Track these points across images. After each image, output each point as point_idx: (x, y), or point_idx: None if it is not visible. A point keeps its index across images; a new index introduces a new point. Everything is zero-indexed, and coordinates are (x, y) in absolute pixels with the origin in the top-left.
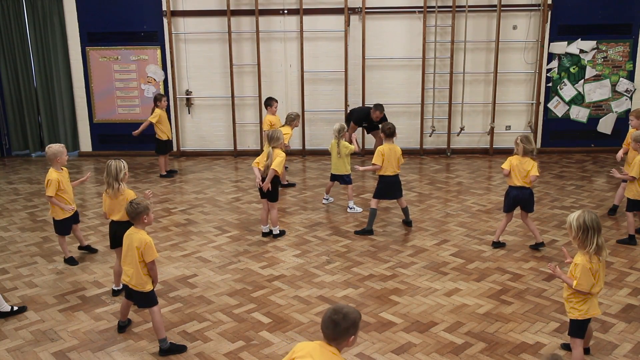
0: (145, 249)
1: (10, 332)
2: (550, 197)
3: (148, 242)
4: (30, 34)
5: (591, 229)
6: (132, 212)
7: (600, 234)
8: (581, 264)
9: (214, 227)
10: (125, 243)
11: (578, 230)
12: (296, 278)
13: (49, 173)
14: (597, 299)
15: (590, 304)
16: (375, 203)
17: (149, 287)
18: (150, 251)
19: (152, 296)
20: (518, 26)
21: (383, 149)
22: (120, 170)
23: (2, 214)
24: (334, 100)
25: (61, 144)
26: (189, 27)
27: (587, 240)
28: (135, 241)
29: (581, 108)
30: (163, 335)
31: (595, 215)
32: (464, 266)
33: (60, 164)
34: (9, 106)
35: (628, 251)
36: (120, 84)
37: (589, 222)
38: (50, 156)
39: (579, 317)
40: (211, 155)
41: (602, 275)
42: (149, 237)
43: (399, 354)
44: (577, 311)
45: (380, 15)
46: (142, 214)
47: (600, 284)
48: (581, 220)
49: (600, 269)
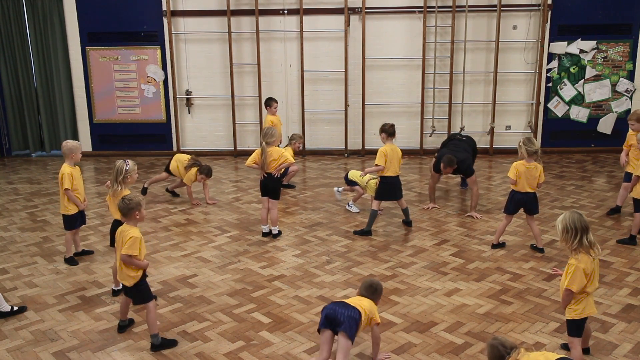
0: (128, 241)
1: (10, 332)
2: (550, 197)
3: (134, 237)
4: (30, 34)
5: (576, 229)
6: (124, 208)
7: (587, 232)
8: (574, 264)
9: (214, 227)
10: (117, 239)
11: (564, 232)
12: (296, 278)
13: (62, 168)
14: (592, 298)
15: (586, 303)
16: (377, 205)
17: (132, 280)
18: (132, 245)
19: (145, 291)
20: (518, 26)
21: (386, 150)
22: (121, 172)
23: (2, 214)
24: (334, 100)
25: (78, 141)
26: (189, 27)
27: (575, 240)
28: (124, 237)
29: (581, 108)
30: (155, 331)
31: (580, 214)
32: (464, 266)
33: (74, 160)
34: (9, 106)
35: (628, 251)
36: (120, 84)
37: (571, 222)
38: (66, 151)
39: (575, 317)
40: (211, 155)
41: (596, 274)
42: (139, 234)
43: (399, 354)
44: (573, 311)
45: (380, 15)
46: (134, 210)
47: (595, 283)
48: (565, 222)
49: (594, 268)
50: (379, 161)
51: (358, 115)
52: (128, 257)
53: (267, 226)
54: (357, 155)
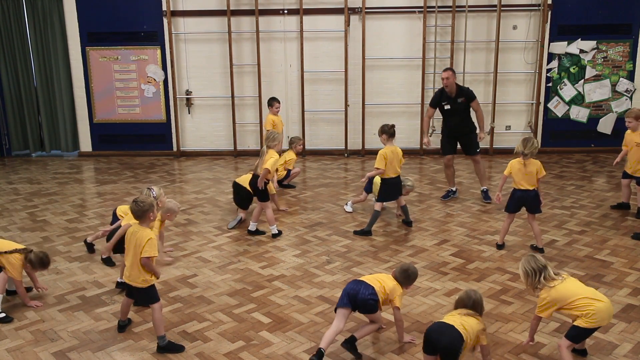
0: (147, 243)
1: (10, 332)
2: (550, 197)
3: (152, 238)
4: (30, 34)
5: (534, 270)
6: (138, 211)
7: (542, 271)
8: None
9: (214, 227)
10: (129, 240)
11: (525, 276)
12: (296, 278)
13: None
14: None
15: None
16: (380, 206)
17: (145, 283)
18: (152, 247)
19: (153, 293)
20: (518, 26)
21: (386, 152)
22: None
23: (2, 214)
24: (334, 100)
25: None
26: (189, 27)
27: (536, 280)
28: (139, 238)
29: (581, 108)
30: (162, 332)
31: (534, 256)
32: (464, 266)
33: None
34: (9, 106)
35: (628, 251)
36: (120, 84)
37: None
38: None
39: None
40: (211, 155)
41: (577, 286)
42: (153, 234)
43: (399, 354)
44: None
45: (380, 15)
46: (148, 212)
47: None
48: (525, 267)
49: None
50: (379, 164)
51: (358, 115)
52: (148, 260)
53: (254, 225)
54: (357, 155)
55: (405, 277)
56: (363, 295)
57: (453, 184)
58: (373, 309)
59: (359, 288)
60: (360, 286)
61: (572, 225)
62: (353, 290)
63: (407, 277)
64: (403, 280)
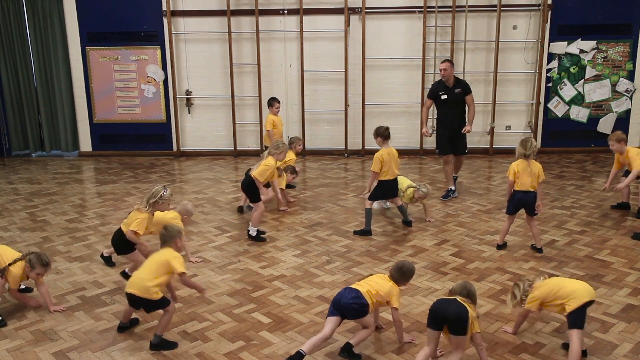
0: (177, 261)
1: (10, 332)
2: (550, 197)
3: (178, 256)
4: (30, 34)
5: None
6: (166, 236)
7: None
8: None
9: (214, 227)
10: (152, 258)
11: (513, 297)
12: (296, 278)
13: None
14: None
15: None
16: (370, 204)
17: (156, 296)
18: (183, 263)
19: (164, 300)
20: (518, 26)
21: (382, 155)
22: (155, 195)
23: (2, 214)
24: (334, 100)
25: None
26: (189, 27)
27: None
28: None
29: (581, 108)
30: (161, 332)
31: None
32: (464, 266)
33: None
34: (9, 106)
35: (628, 251)
36: (120, 84)
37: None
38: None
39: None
40: (211, 155)
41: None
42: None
43: (399, 354)
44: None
45: (380, 15)
46: (174, 238)
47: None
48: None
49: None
50: (374, 168)
51: (358, 115)
52: (185, 275)
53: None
54: (357, 155)
55: (401, 274)
56: (346, 299)
57: (452, 182)
58: (359, 314)
59: (343, 292)
60: (345, 291)
61: (572, 225)
62: (338, 296)
63: (403, 274)
64: (399, 278)
